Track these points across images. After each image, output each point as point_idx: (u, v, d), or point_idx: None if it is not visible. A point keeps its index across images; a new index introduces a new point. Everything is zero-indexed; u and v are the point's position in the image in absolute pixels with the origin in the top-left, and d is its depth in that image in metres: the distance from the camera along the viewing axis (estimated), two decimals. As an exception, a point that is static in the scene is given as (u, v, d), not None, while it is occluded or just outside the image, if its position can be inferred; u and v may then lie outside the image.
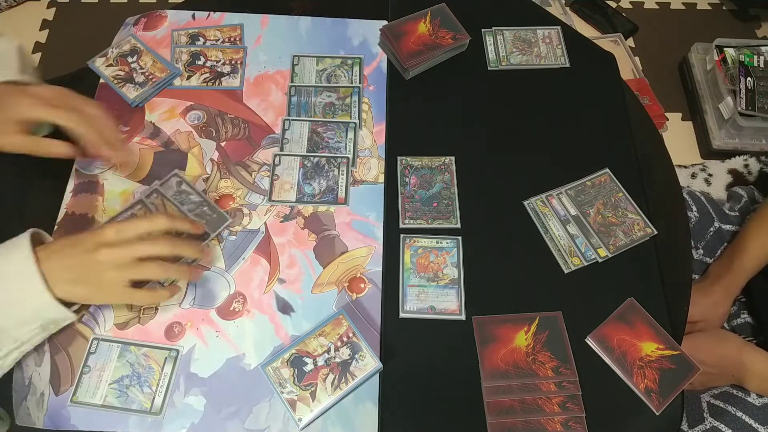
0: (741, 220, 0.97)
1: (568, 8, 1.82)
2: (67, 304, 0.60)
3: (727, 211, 0.97)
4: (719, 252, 0.94)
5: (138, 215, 0.71)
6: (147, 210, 0.72)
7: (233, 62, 0.85)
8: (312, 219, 0.74)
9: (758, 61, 1.54)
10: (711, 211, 0.96)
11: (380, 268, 0.71)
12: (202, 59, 0.85)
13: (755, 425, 0.74)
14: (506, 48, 0.89)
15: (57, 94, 0.66)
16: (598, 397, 0.65)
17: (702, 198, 0.98)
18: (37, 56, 1.69)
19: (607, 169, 0.79)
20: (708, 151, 1.57)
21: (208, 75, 0.84)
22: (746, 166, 1.17)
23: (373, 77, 0.85)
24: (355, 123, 0.80)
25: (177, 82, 0.83)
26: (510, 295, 0.71)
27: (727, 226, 0.96)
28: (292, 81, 0.84)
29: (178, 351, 0.65)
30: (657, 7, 1.90)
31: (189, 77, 0.83)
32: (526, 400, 0.64)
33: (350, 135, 0.80)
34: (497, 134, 0.82)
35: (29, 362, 0.64)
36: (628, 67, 1.66)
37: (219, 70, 0.84)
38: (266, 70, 0.85)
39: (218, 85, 0.83)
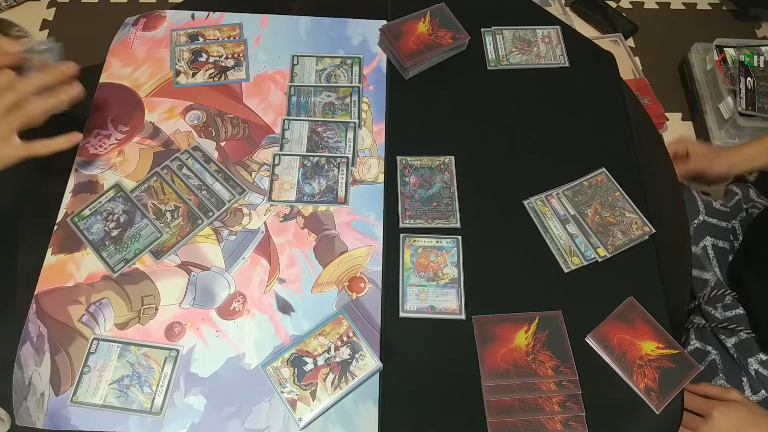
0: (731, 216, 0.97)
1: (568, 8, 1.82)
2: None
3: (716, 207, 0.98)
4: (701, 243, 0.94)
5: (154, 186, 0.73)
6: (162, 180, 0.74)
7: (236, 55, 0.85)
8: (312, 219, 0.74)
9: (758, 61, 1.54)
10: (699, 204, 0.97)
11: (380, 268, 0.71)
12: (205, 56, 0.85)
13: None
14: (506, 47, 0.89)
15: None
16: (598, 396, 0.65)
17: (693, 192, 0.99)
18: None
19: (604, 169, 0.79)
20: (708, 151, 1.56)
21: (213, 71, 0.84)
22: (746, 166, 1.16)
23: (372, 77, 0.85)
24: (354, 123, 0.80)
25: (183, 80, 0.83)
26: (510, 295, 0.70)
27: (713, 220, 0.96)
28: (291, 81, 0.84)
29: (178, 351, 0.65)
30: (657, 7, 1.90)
31: (194, 74, 0.83)
32: (526, 399, 0.64)
33: (350, 135, 0.80)
34: (497, 134, 0.82)
35: (29, 362, 0.64)
36: (628, 67, 1.66)
37: (223, 64, 0.84)
38: (266, 70, 0.85)
39: (224, 79, 0.83)
